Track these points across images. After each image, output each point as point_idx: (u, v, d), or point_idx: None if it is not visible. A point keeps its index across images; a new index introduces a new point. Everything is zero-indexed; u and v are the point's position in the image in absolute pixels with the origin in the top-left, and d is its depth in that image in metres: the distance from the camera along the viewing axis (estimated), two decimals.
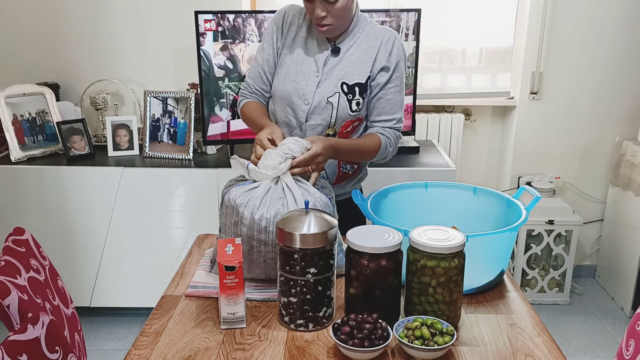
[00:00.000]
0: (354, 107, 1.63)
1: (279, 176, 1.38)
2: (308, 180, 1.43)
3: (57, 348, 1.12)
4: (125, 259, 2.69)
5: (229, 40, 2.51)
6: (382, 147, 1.64)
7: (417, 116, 3.03)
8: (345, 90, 1.61)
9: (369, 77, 1.62)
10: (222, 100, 2.58)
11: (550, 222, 2.92)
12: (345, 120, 1.64)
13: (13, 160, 2.62)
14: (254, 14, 2.50)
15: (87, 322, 2.81)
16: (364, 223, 1.73)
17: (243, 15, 2.49)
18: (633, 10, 2.91)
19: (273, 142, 1.44)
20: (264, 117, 1.63)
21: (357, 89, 1.62)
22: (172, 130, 2.73)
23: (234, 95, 2.58)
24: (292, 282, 1.21)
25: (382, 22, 2.56)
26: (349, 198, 1.71)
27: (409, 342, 1.12)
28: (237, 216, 1.36)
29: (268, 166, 1.37)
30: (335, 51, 1.62)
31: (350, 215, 1.60)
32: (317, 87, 1.62)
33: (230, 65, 2.54)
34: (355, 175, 1.78)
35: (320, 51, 1.63)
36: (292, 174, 1.39)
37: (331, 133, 1.66)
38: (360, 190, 1.82)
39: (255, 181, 1.39)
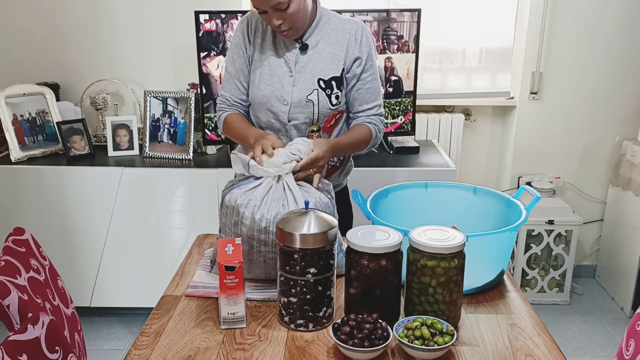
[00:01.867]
0: (334, 101, 1.66)
1: (279, 175, 1.38)
2: (311, 183, 1.44)
3: (57, 348, 1.12)
4: (125, 259, 2.69)
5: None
6: (372, 136, 1.69)
7: (417, 116, 3.03)
8: (323, 86, 1.64)
9: (343, 70, 1.65)
10: None
11: (550, 222, 2.91)
12: (327, 115, 1.68)
13: (13, 160, 2.62)
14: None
15: (87, 322, 2.81)
16: (351, 215, 1.85)
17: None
18: (633, 10, 2.91)
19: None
20: (252, 128, 1.66)
21: (333, 83, 1.65)
22: (172, 130, 2.73)
23: None
24: (292, 282, 1.21)
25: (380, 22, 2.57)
26: (339, 191, 1.81)
27: (409, 342, 1.12)
28: (237, 216, 1.36)
29: (272, 163, 1.37)
30: (304, 48, 1.64)
31: (341, 204, 1.71)
32: (293, 86, 1.64)
33: None
34: (342, 167, 1.82)
35: (289, 51, 1.65)
36: (296, 179, 1.40)
37: (315, 129, 1.69)
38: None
39: (256, 178, 1.39)
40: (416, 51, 2.62)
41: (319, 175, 1.47)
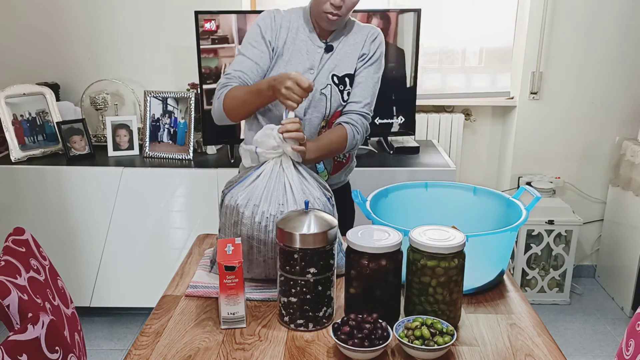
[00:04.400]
0: (345, 97, 1.69)
1: (281, 164, 1.39)
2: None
3: (57, 348, 1.12)
4: (125, 259, 2.69)
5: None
6: (348, 137, 1.66)
7: (417, 116, 3.03)
8: (336, 81, 1.67)
9: (356, 68, 1.69)
10: None
11: (550, 222, 2.91)
12: (336, 110, 1.70)
13: (13, 160, 2.62)
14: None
15: (87, 322, 2.81)
16: (353, 212, 1.86)
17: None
18: (632, 11, 2.91)
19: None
20: (261, 80, 1.59)
21: (347, 79, 1.68)
22: (172, 130, 2.73)
23: None
24: (292, 282, 1.21)
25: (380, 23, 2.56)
26: (341, 187, 1.84)
27: (409, 342, 1.12)
28: (237, 216, 1.36)
29: (269, 146, 1.38)
30: (329, 49, 1.68)
31: (343, 200, 1.73)
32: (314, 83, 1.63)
33: None
34: (348, 163, 1.83)
35: (314, 50, 1.67)
36: (289, 137, 1.38)
37: (324, 124, 1.71)
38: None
39: (258, 167, 1.39)
40: (416, 51, 2.62)
41: (301, 148, 1.42)
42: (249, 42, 1.66)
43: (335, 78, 1.67)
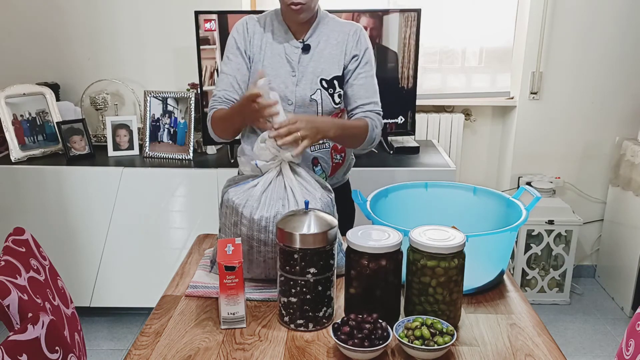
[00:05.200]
0: (337, 100, 1.68)
1: (280, 170, 1.38)
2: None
3: (57, 348, 1.12)
4: (125, 259, 2.69)
5: None
6: (369, 128, 1.65)
7: (417, 116, 3.03)
8: (325, 85, 1.66)
9: (344, 68, 1.68)
10: None
11: (550, 222, 2.92)
12: (330, 114, 1.69)
13: (13, 160, 2.62)
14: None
15: (87, 322, 2.81)
16: (353, 211, 1.85)
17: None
18: (632, 11, 2.91)
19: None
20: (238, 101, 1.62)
21: (335, 82, 1.67)
22: (172, 130, 2.73)
23: None
24: (292, 282, 1.21)
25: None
26: (341, 186, 1.85)
27: (409, 342, 1.12)
28: (236, 216, 1.36)
29: (268, 158, 1.39)
30: (306, 48, 1.66)
31: (343, 200, 1.74)
32: (296, 86, 1.65)
33: None
34: (344, 163, 1.83)
35: (291, 51, 1.66)
36: (284, 143, 1.37)
37: None
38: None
39: (256, 177, 1.40)
40: (416, 51, 2.62)
41: (307, 142, 1.42)
42: (227, 56, 1.69)
43: (324, 82, 1.65)
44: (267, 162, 1.39)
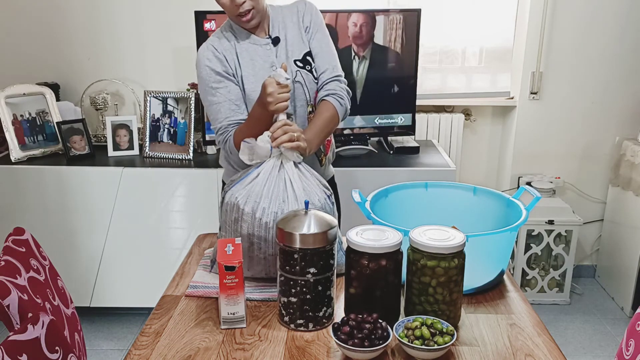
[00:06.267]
0: (315, 75, 1.70)
1: (281, 163, 1.39)
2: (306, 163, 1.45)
3: (57, 348, 1.12)
4: (125, 259, 2.69)
5: None
6: (338, 110, 1.67)
7: (417, 116, 3.03)
8: (300, 65, 1.67)
9: (309, 42, 1.70)
10: None
11: (550, 222, 2.91)
12: (315, 92, 1.70)
13: (13, 160, 2.62)
14: None
15: (87, 322, 2.81)
16: (339, 209, 1.85)
17: None
18: (633, 11, 2.91)
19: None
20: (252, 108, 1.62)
21: (308, 58, 1.69)
22: (172, 130, 2.73)
23: None
24: (292, 282, 1.21)
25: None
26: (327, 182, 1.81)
27: (409, 342, 1.12)
28: (237, 213, 1.36)
29: (265, 150, 1.39)
30: (276, 41, 1.67)
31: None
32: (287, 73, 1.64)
33: None
34: (327, 153, 1.82)
35: (264, 50, 1.66)
36: (280, 143, 1.38)
37: (310, 110, 1.71)
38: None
39: (258, 166, 1.40)
40: (416, 51, 2.62)
41: (301, 144, 1.43)
42: (209, 87, 1.61)
43: (297, 62, 1.67)
44: (264, 156, 1.39)
